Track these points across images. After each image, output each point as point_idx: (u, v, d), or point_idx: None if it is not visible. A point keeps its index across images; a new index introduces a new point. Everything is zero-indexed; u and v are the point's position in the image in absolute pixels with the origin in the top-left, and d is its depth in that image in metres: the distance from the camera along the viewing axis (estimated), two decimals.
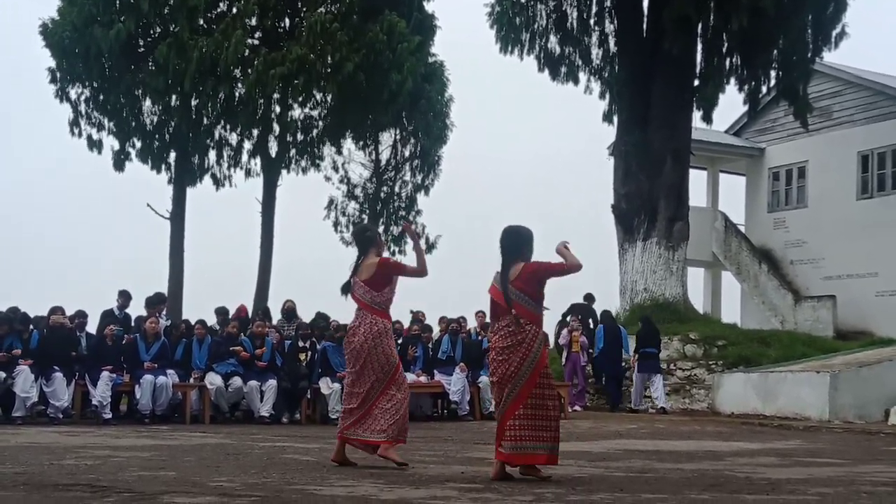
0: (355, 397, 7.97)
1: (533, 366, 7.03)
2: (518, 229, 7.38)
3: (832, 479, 7.50)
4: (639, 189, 22.24)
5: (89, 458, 8.43)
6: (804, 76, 22.17)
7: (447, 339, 16.56)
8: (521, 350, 7.05)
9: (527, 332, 7.07)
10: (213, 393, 14.53)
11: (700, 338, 19.87)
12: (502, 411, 7.11)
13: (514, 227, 7.39)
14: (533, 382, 7.03)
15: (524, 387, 7.01)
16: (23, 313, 14.28)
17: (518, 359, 7.03)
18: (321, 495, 6.09)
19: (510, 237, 7.34)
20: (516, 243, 7.31)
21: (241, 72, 23.08)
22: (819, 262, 25.79)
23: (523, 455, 6.99)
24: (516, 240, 7.33)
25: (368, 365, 7.87)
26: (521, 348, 7.05)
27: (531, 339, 7.08)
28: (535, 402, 7.02)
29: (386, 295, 8.08)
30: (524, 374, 7.02)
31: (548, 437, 7.02)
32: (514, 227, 7.39)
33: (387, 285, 8.08)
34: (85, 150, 23.97)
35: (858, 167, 25.15)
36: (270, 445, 10.25)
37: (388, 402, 7.82)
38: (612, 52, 23.41)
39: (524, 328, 7.07)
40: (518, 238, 7.34)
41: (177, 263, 24.48)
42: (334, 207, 28.45)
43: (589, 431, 13.34)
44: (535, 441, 6.97)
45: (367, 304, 7.99)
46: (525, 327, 7.07)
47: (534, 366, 7.03)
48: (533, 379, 7.03)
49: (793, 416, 15.90)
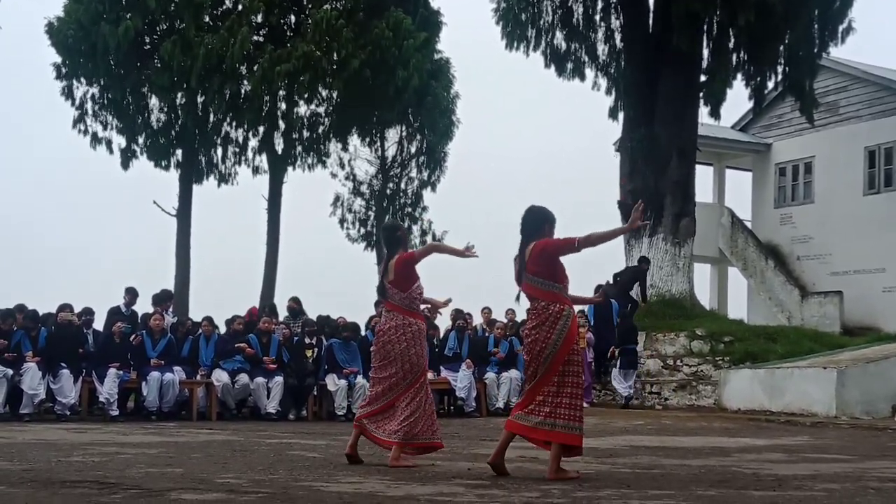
0: (377, 389, 7.96)
1: (559, 345, 6.92)
2: (538, 209, 7.25)
3: (839, 476, 7.48)
4: (645, 185, 22.21)
5: (96, 454, 8.45)
6: (811, 71, 22.11)
7: (454, 336, 16.57)
8: (544, 329, 6.98)
9: (550, 312, 7.01)
10: (219, 390, 14.56)
11: (706, 334, 19.82)
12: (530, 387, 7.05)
13: (534, 207, 7.27)
14: (559, 360, 6.91)
15: (550, 365, 6.93)
16: (32, 311, 14.33)
17: (543, 338, 6.96)
18: (328, 492, 6.09)
19: (528, 217, 7.22)
20: (535, 223, 7.18)
21: (246, 69, 23.12)
22: (826, 258, 25.73)
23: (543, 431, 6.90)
24: (535, 219, 7.20)
25: (395, 364, 7.81)
26: (544, 328, 6.98)
27: (554, 318, 6.97)
28: (560, 379, 6.91)
29: (415, 293, 8.01)
30: (549, 354, 6.92)
31: (566, 416, 6.88)
32: (535, 207, 7.27)
33: (413, 282, 7.99)
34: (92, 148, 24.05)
35: (865, 162, 25.07)
36: (277, 442, 10.26)
37: (407, 404, 7.76)
38: (618, 47, 23.36)
39: (548, 308, 7.02)
40: (536, 217, 7.21)
41: (183, 260, 24.54)
42: (340, 204, 28.53)
43: (595, 428, 13.32)
44: (554, 418, 6.87)
45: (397, 304, 7.95)
46: (548, 307, 7.03)
47: (559, 345, 6.92)
48: (560, 357, 6.92)
49: (799, 412, 15.86)
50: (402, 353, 7.80)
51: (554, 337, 6.94)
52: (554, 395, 6.89)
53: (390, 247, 8.20)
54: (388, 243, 8.31)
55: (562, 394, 6.90)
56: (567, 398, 6.90)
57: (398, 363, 7.81)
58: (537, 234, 7.14)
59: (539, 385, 6.97)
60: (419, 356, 7.87)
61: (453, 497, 5.89)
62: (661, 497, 6.01)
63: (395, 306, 7.96)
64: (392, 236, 8.31)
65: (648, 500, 5.89)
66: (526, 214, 7.25)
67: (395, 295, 7.95)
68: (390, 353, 7.84)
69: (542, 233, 7.14)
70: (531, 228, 7.18)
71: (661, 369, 19.58)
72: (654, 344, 20.17)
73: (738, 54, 22.27)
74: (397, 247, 8.12)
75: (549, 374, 6.92)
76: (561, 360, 6.94)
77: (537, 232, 7.15)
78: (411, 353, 7.82)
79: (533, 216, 7.23)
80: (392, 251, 8.14)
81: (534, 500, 5.82)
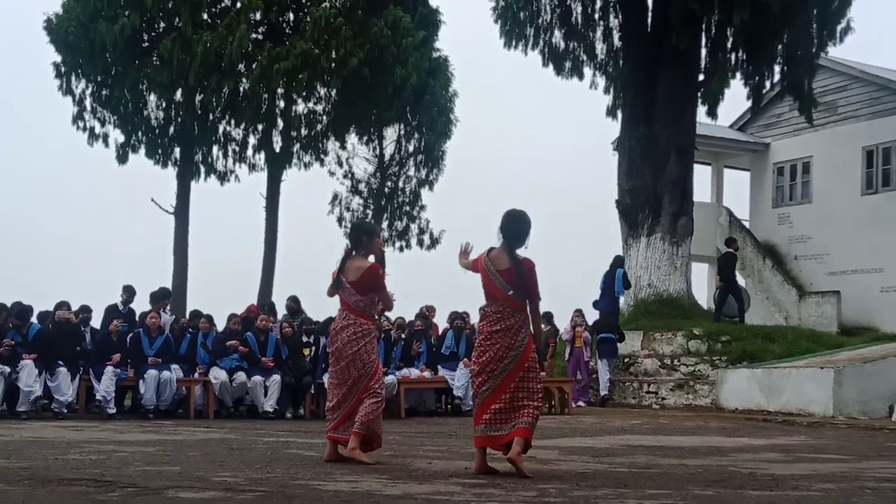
0: (335, 396, 7.98)
1: (518, 357, 6.97)
2: (524, 216, 7.19)
3: (836, 475, 7.49)
4: (643, 184, 22.22)
5: (93, 452, 8.44)
6: (809, 71, 22.11)
7: (451, 335, 16.58)
8: (507, 337, 7.01)
9: (515, 319, 7.04)
10: (217, 388, 14.56)
11: (704, 333, 19.84)
12: (481, 401, 7.07)
13: (517, 213, 7.20)
14: (515, 375, 6.97)
15: (506, 378, 6.96)
16: (20, 307, 14.12)
17: (507, 343, 6.98)
18: (325, 491, 6.09)
19: (514, 222, 7.15)
20: (521, 229, 7.15)
21: (245, 67, 23.10)
22: (823, 258, 25.75)
23: (496, 437, 6.95)
24: (521, 226, 7.16)
25: (352, 366, 7.82)
26: (507, 334, 7.02)
27: (518, 326, 7.02)
28: (513, 395, 6.95)
29: (371, 299, 8.02)
30: (508, 364, 6.97)
31: (523, 415, 6.92)
32: (519, 213, 7.20)
33: (371, 291, 7.98)
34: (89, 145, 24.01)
35: (863, 162, 25.09)
36: (274, 440, 10.27)
37: (367, 400, 7.77)
38: (616, 46, 23.37)
39: (514, 315, 7.05)
40: (523, 225, 7.16)
41: (181, 258, 24.51)
42: (339, 202, 28.52)
43: (592, 427, 13.34)
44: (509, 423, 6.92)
45: (352, 306, 7.93)
46: (514, 314, 7.05)
47: (518, 357, 6.97)
48: (516, 371, 6.98)
49: (797, 411, 15.88)
50: (354, 355, 7.81)
51: (517, 343, 7.01)
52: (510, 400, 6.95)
53: (356, 244, 8.05)
54: (354, 240, 8.14)
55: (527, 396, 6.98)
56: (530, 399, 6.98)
57: (352, 366, 7.83)
58: (521, 240, 7.14)
59: (498, 392, 7.00)
60: (370, 354, 7.87)
61: (450, 496, 5.90)
62: (658, 496, 6.02)
63: (350, 307, 7.94)
64: (359, 234, 8.17)
65: (646, 499, 5.89)
66: (511, 219, 7.17)
67: (352, 296, 7.91)
68: (343, 354, 7.85)
69: (525, 240, 7.14)
70: (515, 234, 7.14)
71: (659, 369, 19.61)
72: (652, 343, 20.19)
73: (737, 53, 22.28)
74: (362, 247, 8.00)
75: (508, 381, 6.98)
76: (522, 367, 7.00)
77: (521, 238, 7.14)
78: (362, 353, 7.82)
79: (518, 222, 7.17)
80: (356, 248, 8.01)
81: (531, 499, 5.83)
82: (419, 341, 16.36)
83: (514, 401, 6.97)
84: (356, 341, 7.83)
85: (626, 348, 20.37)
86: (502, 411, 6.97)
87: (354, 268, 7.93)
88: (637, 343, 20.38)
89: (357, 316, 7.90)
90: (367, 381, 7.82)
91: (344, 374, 7.89)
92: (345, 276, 7.95)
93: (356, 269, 7.91)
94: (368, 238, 8.11)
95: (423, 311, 17.46)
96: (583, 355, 18.97)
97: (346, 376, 7.87)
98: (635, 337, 20.45)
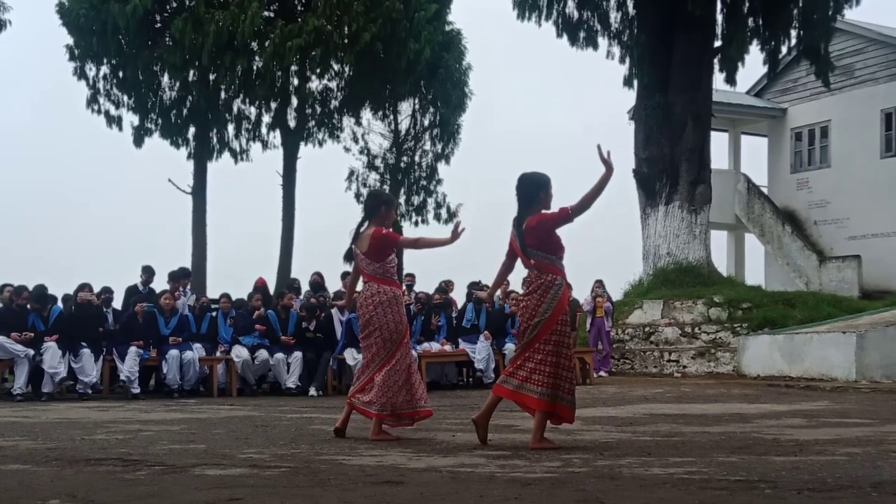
0: (362, 363, 8.05)
1: (548, 314, 6.94)
2: (529, 176, 7.18)
3: (860, 440, 7.47)
4: (660, 153, 22.12)
5: (120, 432, 8.51)
6: (825, 35, 21.92)
7: (471, 308, 16.58)
8: (535, 298, 7.01)
9: (542, 282, 7.03)
10: (239, 366, 14.64)
11: (724, 301, 19.81)
12: (517, 354, 7.15)
13: (525, 175, 7.21)
14: (547, 329, 6.94)
15: (538, 334, 6.96)
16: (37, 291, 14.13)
17: (533, 305, 6.99)
18: (350, 465, 6.12)
19: (521, 186, 7.15)
20: (528, 192, 7.12)
21: (258, 45, 23.05)
22: (843, 222, 25.62)
23: (521, 395, 6.96)
24: (528, 188, 7.14)
25: (377, 332, 7.82)
26: (535, 296, 7.01)
27: (545, 288, 6.99)
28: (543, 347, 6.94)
29: (389, 264, 7.96)
30: (538, 323, 6.95)
31: (544, 384, 6.90)
32: (526, 175, 7.20)
33: (387, 255, 7.93)
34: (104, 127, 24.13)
35: (882, 125, 24.89)
36: (298, 417, 10.32)
37: (388, 373, 7.74)
38: (631, 15, 23.20)
39: (539, 277, 7.05)
40: (529, 186, 7.14)
41: (200, 238, 24.59)
42: (355, 178, 28.48)
43: (614, 396, 13.35)
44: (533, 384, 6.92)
45: (371, 274, 7.91)
46: (540, 276, 7.04)
47: (548, 314, 6.94)
48: (548, 326, 6.95)
49: (819, 377, 15.85)
50: (380, 322, 7.80)
51: (544, 306, 6.98)
52: (538, 362, 6.93)
53: (370, 215, 7.99)
54: (368, 210, 8.05)
55: (546, 362, 6.93)
56: (550, 367, 6.92)
57: (378, 332, 7.82)
58: (532, 202, 7.11)
59: (523, 351, 7.04)
60: (397, 323, 7.84)
61: (475, 468, 5.91)
62: (683, 464, 6.02)
63: (370, 276, 7.92)
64: (374, 204, 8.05)
65: (670, 467, 5.90)
66: (518, 184, 7.18)
67: (369, 266, 7.90)
68: (371, 322, 7.85)
69: (536, 200, 7.10)
70: (526, 197, 7.13)
71: (680, 337, 19.59)
72: (672, 312, 20.17)
73: (753, 18, 22.09)
74: (374, 217, 7.95)
75: (533, 342, 6.97)
76: (549, 330, 6.97)
77: (532, 200, 7.12)
78: (388, 321, 7.81)
79: (525, 185, 7.16)
80: (369, 217, 7.98)
81: (555, 468, 5.84)
82: (438, 315, 16.38)
83: (531, 363, 6.97)
84: (382, 308, 7.82)
85: (647, 317, 20.34)
86: (519, 368, 7.01)
87: (364, 236, 7.90)
88: (657, 312, 20.36)
89: (379, 283, 7.89)
90: (391, 351, 7.77)
91: (368, 342, 7.90)
92: (357, 247, 7.97)
93: (365, 237, 7.89)
94: (387, 208, 8.05)
95: (441, 284, 17.46)
96: (604, 325, 18.96)
97: (371, 345, 7.87)
98: (655, 306, 20.43)
